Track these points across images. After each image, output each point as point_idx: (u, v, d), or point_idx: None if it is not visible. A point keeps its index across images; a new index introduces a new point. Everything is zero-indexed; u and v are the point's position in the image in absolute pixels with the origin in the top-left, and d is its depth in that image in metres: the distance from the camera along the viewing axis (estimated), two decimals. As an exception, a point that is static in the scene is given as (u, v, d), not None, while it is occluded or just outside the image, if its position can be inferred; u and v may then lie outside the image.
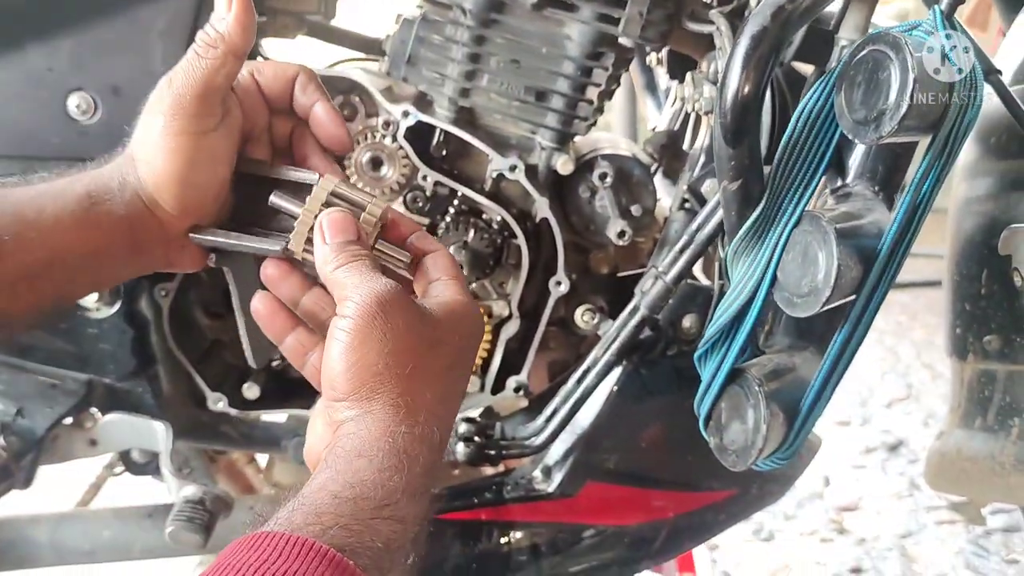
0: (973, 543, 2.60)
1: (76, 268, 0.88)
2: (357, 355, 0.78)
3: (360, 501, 0.71)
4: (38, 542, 1.47)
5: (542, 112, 1.29)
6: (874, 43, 0.82)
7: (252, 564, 0.64)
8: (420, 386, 0.79)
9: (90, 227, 0.87)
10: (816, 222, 0.88)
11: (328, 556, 0.65)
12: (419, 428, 0.78)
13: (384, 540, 0.70)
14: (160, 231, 0.91)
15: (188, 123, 0.87)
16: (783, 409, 0.95)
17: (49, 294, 0.88)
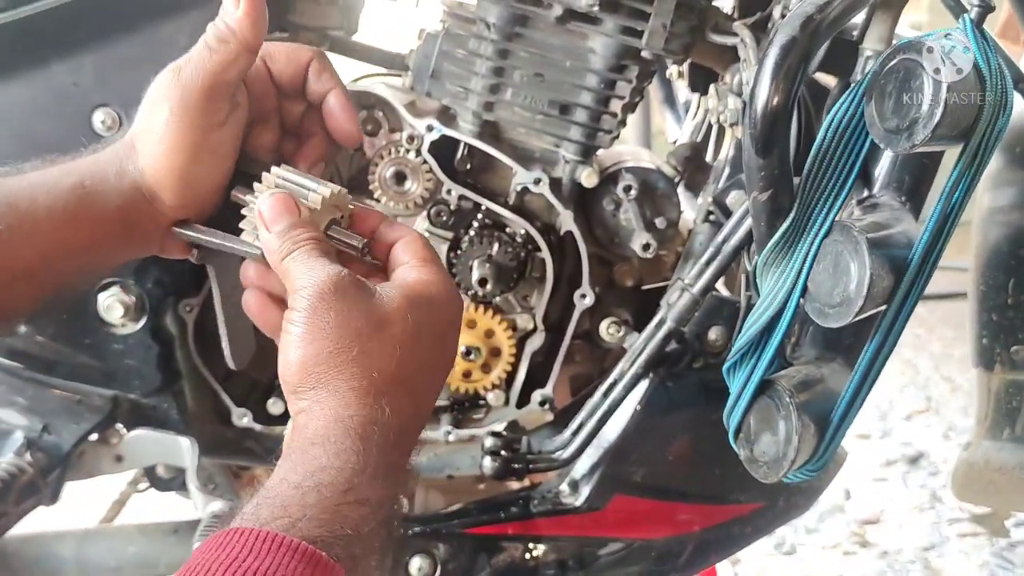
0: (997, 555, 2.58)
1: (71, 258, 0.86)
2: (304, 346, 0.78)
3: (323, 489, 0.71)
4: (64, 558, 1.47)
5: (566, 125, 1.29)
6: (905, 51, 0.82)
7: (223, 562, 0.64)
8: (368, 368, 0.77)
9: (84, 217, 0.86)
10: (847, 232, 0.87)
11: (300, 549, 0.65)
12: (370, 410, 0.76)
13: (353, 526, 0.70)
14: (155, 220, 0.89)
15: (195, 117, 0.86)
16: (813, 420, 0.95)
17: (47, 285, 0.87)
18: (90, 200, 0.86)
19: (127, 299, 1.29)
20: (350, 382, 0.77)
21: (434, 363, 0.83)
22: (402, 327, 0.79)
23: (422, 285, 0.82)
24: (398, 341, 0.79)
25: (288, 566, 0.64)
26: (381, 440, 0.76)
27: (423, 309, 0.81)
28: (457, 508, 1.38)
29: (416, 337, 0.80)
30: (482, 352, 1.37)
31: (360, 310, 0.78)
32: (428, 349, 0.81)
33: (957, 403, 3.56)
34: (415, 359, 0.80)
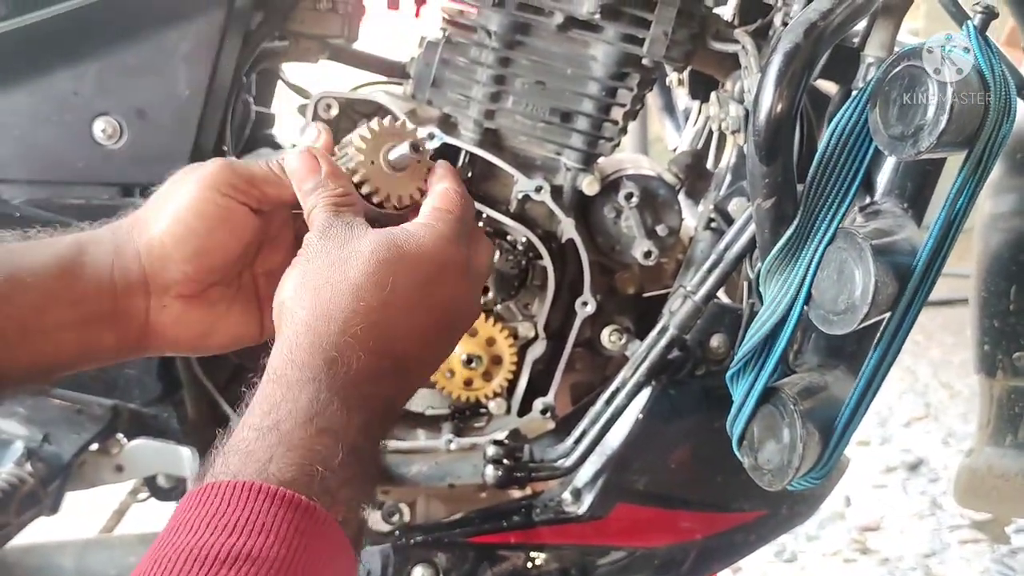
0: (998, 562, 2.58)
1: (62, 320, 0.85)
2: (282, 284, 0.81)
3: (281, 425, 0.70)
4: (64, 568, 1.47)
5: (567, 133, 1.29)
6: (909, 58, 0.82)
7: (202, 518, 0.64)
8: (325, 304, 0.77)
9: (77, 275, 0.86)
10: (851, 239, 0.87)
11: (276, 495, 0.65)
12: (322, 339, 0.75)
13: (320, 460, 0.69)
14: (147, 298, 0.89)
15: (222, 191, 0.88)
16: (817, 428, 0.94)
17: (40, 350, 0.85)
18: (85, 258, 0.87)
19: (127, 308, 1.28)
20: (309, 307, 0.77)
21: (411, 312, 0.81)
22: (364, 271, 0.78)
23: (403, 235, 0.82)
24: (362, 273, 0.78)
25: (269, 513, 0.64)
26: (341, 371, 0.75)
27: (393, 258, 0.79)
28: (459, 517, 1.38)
29: (380, 283, 0.78)
30: (483, 360, 1.37)
31: (337, 246, 0.80)
32: (401, 296, 0.79)
33: (956, 409, 3.56)
34: (384, 304, 0.78)
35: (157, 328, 0.89)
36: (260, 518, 0.64)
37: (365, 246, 0.80)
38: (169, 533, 0.64)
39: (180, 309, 0.89)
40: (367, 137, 0.91)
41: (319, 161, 0.88)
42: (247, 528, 0.63)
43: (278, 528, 0.64)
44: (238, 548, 0.62)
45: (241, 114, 1.42)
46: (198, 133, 1.25)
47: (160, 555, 0.62)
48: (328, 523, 0.67)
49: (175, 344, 0.91)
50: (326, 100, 1.29)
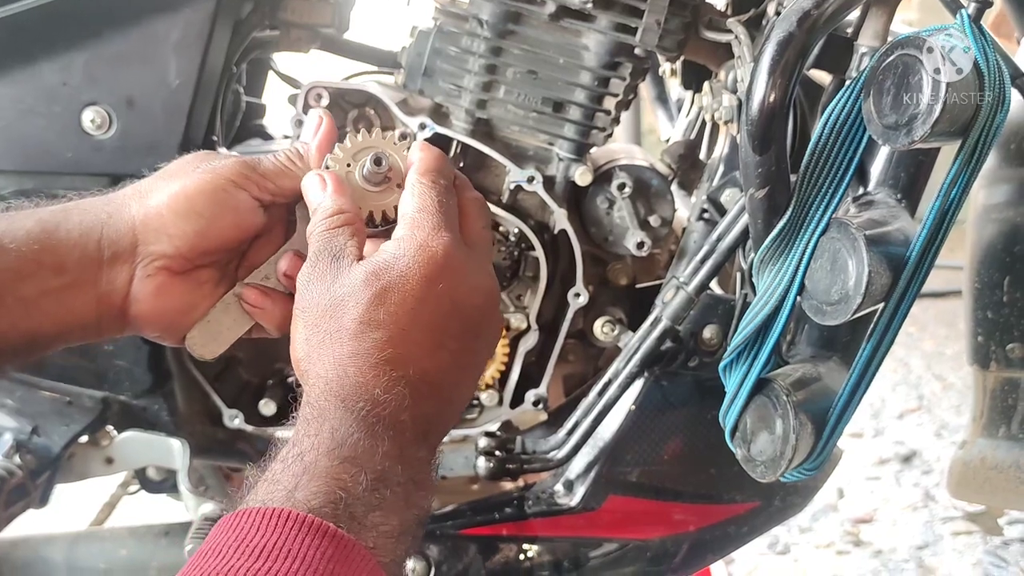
0: (991, 554, 2.58)
1: (43, 287, 0.85)
2: (293, 343, 0.84)
3: (305, 456, 0.73)
4: (54, 562, 1.46)
5: (560, 123, 1.28)
6: (903, 47, 0.81)
7: (231, 544, 0.66)
8: (325, 351, 0.80)
9: (59, 238, 0.86)
10: (845, 229, 0.87)
11: (300, 520, 0.67)
12: (349, 383, 0.77)
13: (343, 486, 0.71)
14: (131, 261, 0.89)
15: (229, 179, 0.90)
16: (810, 419, 0.94)
17: (19, 318, 0.85)
18: (71, 224, 0.87)
19: (117, 300, 1.27)
20: (319, 363, 0.80)
21: (418, 332, 0.81)
22: (356, 316, 0.80)
23: (383, 262, 0.82)
24: (355, 318, 0.79)
25: (295, 539, 0.66)
26: (360, 407, 0.77)
27: (381, 291, 0.80)
28: (451, 509, 1.37)
29: (376, 322, 0.79)
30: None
31: (327, 292, 0.82)
32: (402, 323, 0.80)
33: (949, 401, 3.57)
34: (386, 339, 0.79)
35: (139, 297, 0.90)
36: (286, 543, 0.66)
37: (348, 286, 0.81)
38: (199, 557, 0.66)
39: (164, 281, 0.90)
40: (338, 156, 0.92)
41: (324, 179, 0.89)
42: (273, 553, 0.65)
43: (304, 553, 0.65)
44: (263, 572, 0.64)
45: (231, 104, 1.41)
46: (188, 123, 1.25)
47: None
48: (355, 549, 0.68)
49: (153, 316, 0.91)
50: (317, 90, 1.28)
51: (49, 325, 0.87)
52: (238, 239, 0.92)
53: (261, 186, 0.91)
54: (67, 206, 0.89)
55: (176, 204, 0.88)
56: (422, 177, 0.88)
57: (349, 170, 0.92)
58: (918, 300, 0.89)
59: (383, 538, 0.72)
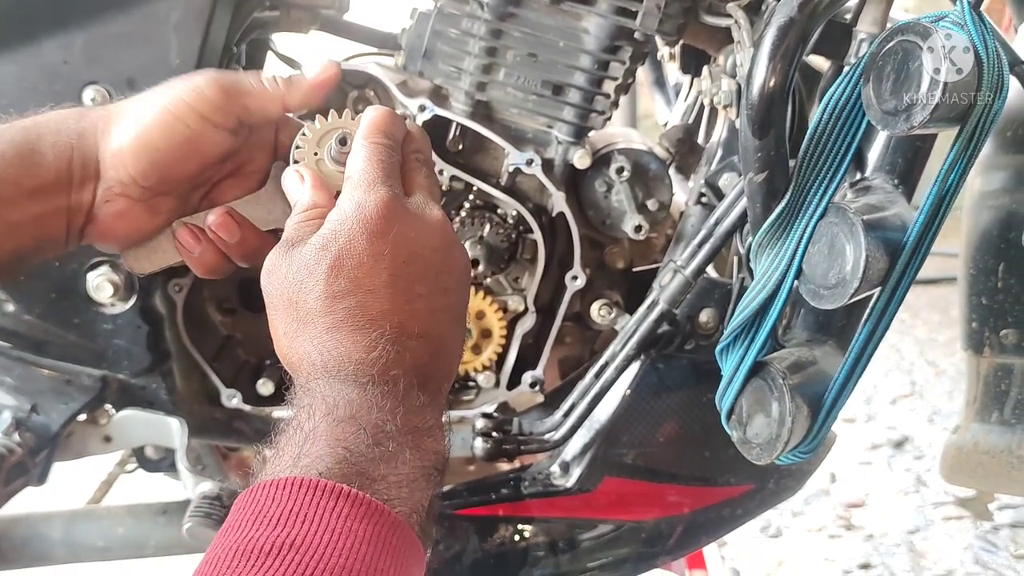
0: (981, 538, 2.60)
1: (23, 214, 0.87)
2: (275, 337, 0.86)
3: (303, 424, 0.75)
4: (52, 539, 1.47)
5: (559, 106, 1.29)
6: (903, 33, 0.82)
7: (248, 517, 0.68)
8: (300, 337, 0.81)
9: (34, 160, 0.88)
10: (843, 214, 0.87)
11: (312, 484, 0.68)
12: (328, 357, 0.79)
13: (345, 445, 0.73)
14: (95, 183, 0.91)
15: (200, 109, 0.90)
16: (806, 402, 0.95)
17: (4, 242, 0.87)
18: (43, 145, 0.88)
19: (116, 278, 1.28)
20: (298, 350, 0.82)
21: (373, 286, 0.82)
22: (314, 283, 0.81)
23: (329, 231, 0.83)
24: (318, 296, 0.81)
25: (309, 503, 0.67)
26: (342, 369, 0.79)
27: (334, 263, 0.81)
28: (448, 489, 1.38)
29: (335, 292, 0.81)
30: (473, 333, 1.37)
31: (285, 280, 0.83)
32: (360, 286, 0.81)
33: (942, 387, 3.58)
34: (342, 301, 0.80)
35: (98, 218, 0.92)
36: (301, 508, 0.67)
37: (303, 268, 0.82)
38: (220, 536, 0.68)
39: (123, 206, 0.92)
40: (307, 138, 0.93)
41: (303, 175, 0.90)
42: (290, 519, 0.66)
43: (320, 516, 0.67)
44: (282, 539, 0.65)
45: (231, 84, 1.41)
46: (188, 103, 1.24)
47: (211, 555, 0.66)
48: (369, 504, 0.69)
49: (108, 235, 0.93)
50: (317, 71, 1.27)
51: (30, 242, 0.90)
52: (199, 168, 0.93)
53: (227, 111, 0.91)
54: (37, 121, 0.90)
55: (134, 139, 0.89)
56: (364, 139, 0.89)
57: (318, 157, 0.93)
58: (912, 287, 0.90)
59: (395, 488, 0.73)
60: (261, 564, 0.63)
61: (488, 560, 1.33)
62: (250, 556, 0.64)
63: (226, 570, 0.63)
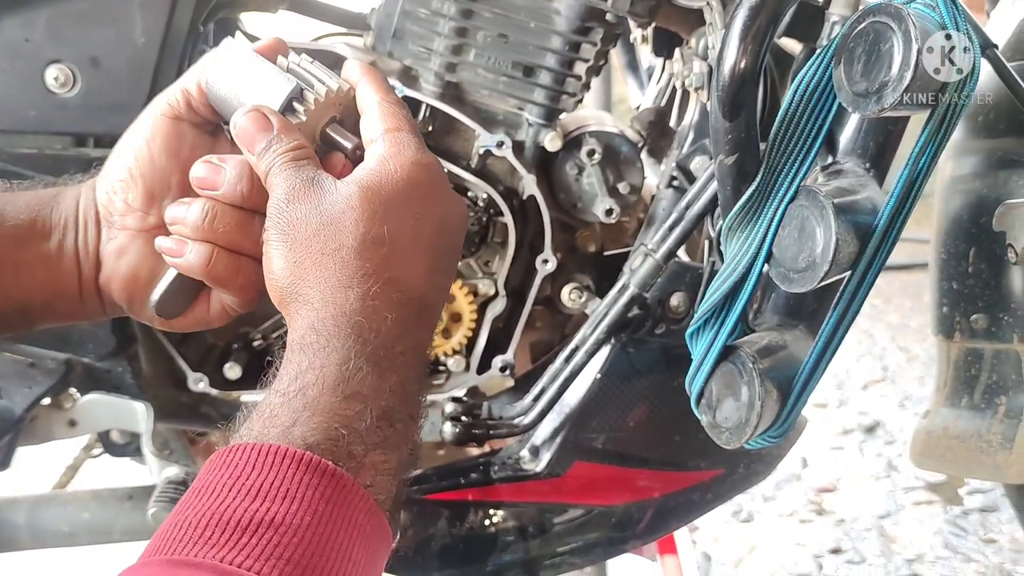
0: (951, 523, 2.61)
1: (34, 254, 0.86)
2: (273, 258, 0.79)
3: (307, 391, 0.71)
4: (16, 524, 1.45)
5: (530, 88, 1.28)
6: (875, 14, 0.81)
7: (225, 482, 0.64)
8: (331, 267, 0.77)
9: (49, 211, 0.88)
10: (813, 197, 0.87)
11: (298, 458, 0.65)
12: (339, 305, 0.76)
13: (345, 423, 0.70)
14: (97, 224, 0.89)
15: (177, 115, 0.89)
16: (776, 386, 0.94)
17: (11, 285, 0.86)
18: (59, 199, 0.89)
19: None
20: (317, 285, 0.77)
21: (416, 248, 0.80)
22: (356, 233, 0.77)
23: (375, 177, 0.80)
24: (357, 235, 0.77)
25: (293, 478, 0.64)
26: (371, 336, 0.75)
27: (379, 206, 0.78)
28: (417, 474, 1.37)
29: (378, 238, 0.78)
30: (443, 317, 1.36)
31: (316, 211, 0.78)
32: (402, 239, 0.79)
33: (913, 373, 3.60)
34: (389, 256, 0.78)
35: (104, 261, 0.89)
36: (284, 483, 0.64)
37: (343, 203, 0.78)
38: (192, 495, 0.65)
39: (124, 241, 0.89)
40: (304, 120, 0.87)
41: (268, 118, 0.83)
42: (271, 493, 0.63)
43: (302, 494, 0.64)
44: (260, 514, 0.62)
45: (198, 64, 1.39)
46: (153, 82, 1.23)
47: (182, 518, 0.62)
48: (353, 488, 0.67)
49: (118, 281, 0.89)
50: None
51: (39, 294, 0.87)
52: (178, 171, 0.88)
53: (195, 105, 0.88)
54: (59, 183, 0.92)
55: (115, 157, 0.89)
56: (386, 97, 0.86)
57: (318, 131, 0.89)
58: (883, 272, 0.90)
59: (381, 475, 0.71)
60: (236, 540, 0.60)
61: (457, 545, 1.32)
62: (225, 528, 0.61)
63: (199, 539, 0.60)
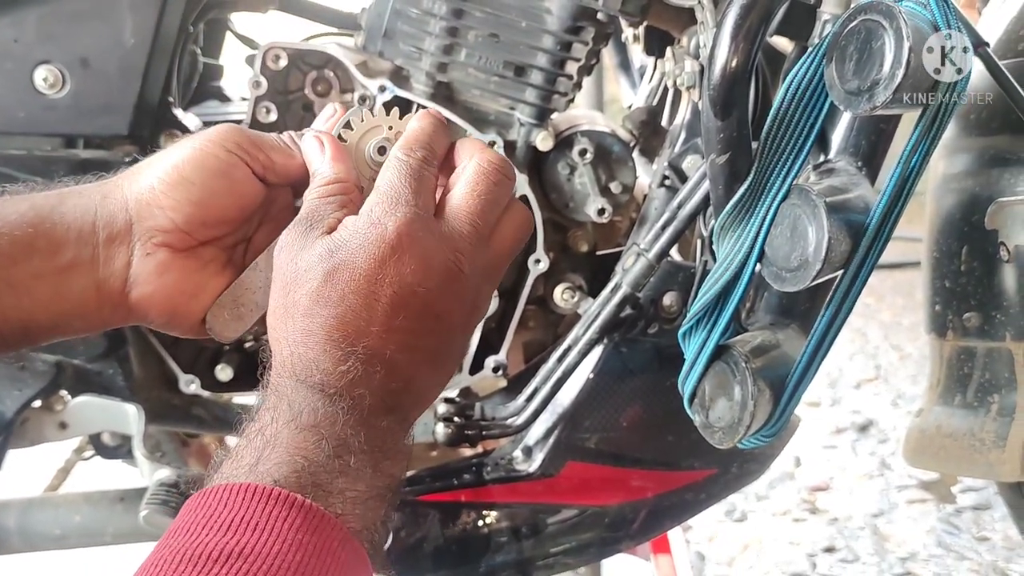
0: (944, 521, 2.62)
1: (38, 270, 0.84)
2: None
3: (265, 430, 0.74)
4: (6, 528, 1.45)
5: (521, 87, 1.27)
6: (867, 12, 0.81)
7: (198, 521, 0.66)
8: (287, 328, 0.80)
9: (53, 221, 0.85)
10: (806, 195, 0.87)
11: (266, 493, 0.67)
12: (300, 357, 0.79)
13: (304, 455, 0.72)
14: (127, 241, 0.87)
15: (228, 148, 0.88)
16: (769, 386, 0.94)
17: (14, 304, 0.83)
18: (65, 208, 0.86)
19: (71, 262, 1.25)
20: (276, 338, 0.81)
21: (369, 308, 0.80)
22: (308, 292, 0.80)
23: (339, 238, 0.81)
24: (307, 306, 0.79)
25: (262, 512, 0.66)
26: (316, 376, 0.77)
27: (332, 269, 0.80)
28: (409, 475, 1.37)
29: (326, 298, 0.79)
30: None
31: (288, 268, 0.82)
32: (351, 299, 0.79)
33: (906, 371, 3.60)
34: (335, 315, 0.79)
35: (140, 279, 0.87)
36: (253, 516, 0.66)
37: (308, 260, 0.81)
38: (168, 537, 0.66)
39: (165, 258, 0.88)
40: (351, 132, 0.92)
41: (323, 142, 0.88)
42: (240, 527, 0.65)
43: (271, 525, 0.66)
44: (231, 546, 0.64)
45: (188, 65, 1.39)
46: (143, 83, 1.22)
47: (157, 557, 0.64)
48: (323, 517, 0.69)
49: (158, 299, 0.89)
50: (275, 51, 1.26)
51: (43, 313, 0.85)
52: (238, 210, 0.90)
53: (253, 156, 0.89)
54: (62, 191, 0.88)
55: (166, 175, 0.87)
56: (398, 151, 0.87)
57: (360, 147, 0.92)
58: (876, 271, 0.89)
59: (350, 504, 0.72)
60: (208, 571, 0.62)
61: (450, 546, 1.32)
62: (196, 561, 0.63)
63: (172, 573, 0.62)
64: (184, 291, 0.90)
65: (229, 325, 0.92)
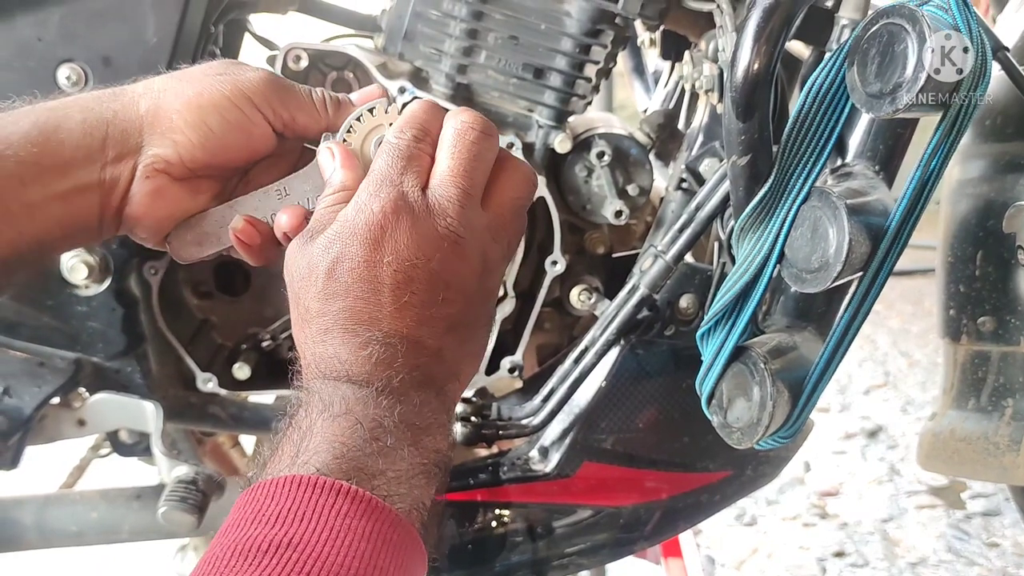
0: (954, 527, 2.62)
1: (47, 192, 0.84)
2: None
3: (300, 422, 0.76)
4: (24, 524, 1.45)
5: (540, 90, 1.28)
6: (889, 16, 0.82)
7: (247, 516, 0.68)
8: (305, 329, 0.83)
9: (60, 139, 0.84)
10: (826, 198, 0.87)
11: (311, 482, 0.68)
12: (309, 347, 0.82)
13: (342, 440, 0.73)
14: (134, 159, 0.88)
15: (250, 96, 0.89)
16: (787, 387, 0.95)
17: (24, 227, 0.84)
18: (72, 124, 0.85)
19: (91, 260, 1.26)
20: (300, 345, 0.84)
21: (374, 294, 0.81)
22: (315, 293, 0.82)
23: (333, 228, 0.83)
24: (316, 307, 0.82)
25: (308, 501, 0.67)
26: (329, 372, 0.79)
27: (329, 266, 0.82)
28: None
29: (331, 293, 0.81)
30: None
31: (296, 274, 0.84)
32: (355, 287, 0.81)
33: (915, 378, 3.61)
34: (345, 307, 0.81)
35: (135, 198, 0.89)
36: (300, 507, 0.67)
37: (309, 261, 0.83)
38: (220, 535, 0.68)
39: (162, 184, 0.89)
40: (358, 127, 0.92)
41: (333, 152, 0.89)
42: (288, 518, 0.66)
43: (319, 514, 0.67)
44: (279, 537, 0.65)
45: (208, 65, 1.39)
46: (165, 82, 1.23)
47: (210, 555, 0.66)
48: (368, 500, 0.69)
49: (146, 219, 0.90)
50: (295, 51, 1.26)
51: (56, 228, 0.86)
52: (245, 159, 0.92)
53: (277, 113, 0.90)
54: (65, 103, 0.87)
55: (188, 112, 0.87)
56: (390, 135, 0.88)
57: (365, 147, 0.93)
58: (886, 278, 0.90)
59: (394, 484, 0.72)
60: (259, 563, 0.63)
61: (466, 545, 1.33)
62: (247, 555, 0.63)
63: (224, 568, 0.63)
64: (173, 215, 0.92)
65: (188, 248, 0.94)
